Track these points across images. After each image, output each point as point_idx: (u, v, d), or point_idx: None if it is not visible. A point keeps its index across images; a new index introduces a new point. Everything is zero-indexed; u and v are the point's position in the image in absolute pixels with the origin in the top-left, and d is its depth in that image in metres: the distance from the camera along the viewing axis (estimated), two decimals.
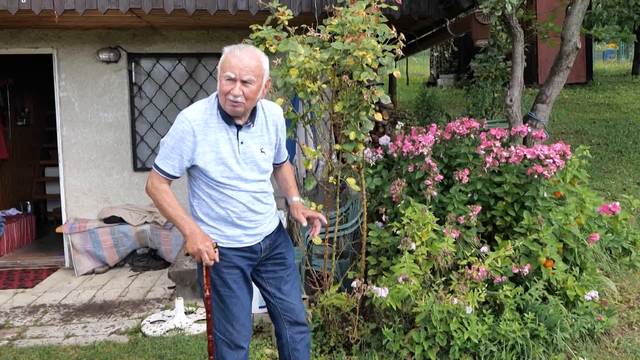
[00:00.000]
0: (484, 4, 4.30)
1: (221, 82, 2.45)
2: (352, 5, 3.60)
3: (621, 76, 13.91)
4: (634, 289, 4.13)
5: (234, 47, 2.54)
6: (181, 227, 2.48)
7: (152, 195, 2.54)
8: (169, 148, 2.49)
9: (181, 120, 2.48)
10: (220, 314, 2.61)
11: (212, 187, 2.54)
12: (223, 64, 2.47)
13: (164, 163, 2.51)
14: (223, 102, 2.46)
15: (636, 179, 6.23)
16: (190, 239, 2.44)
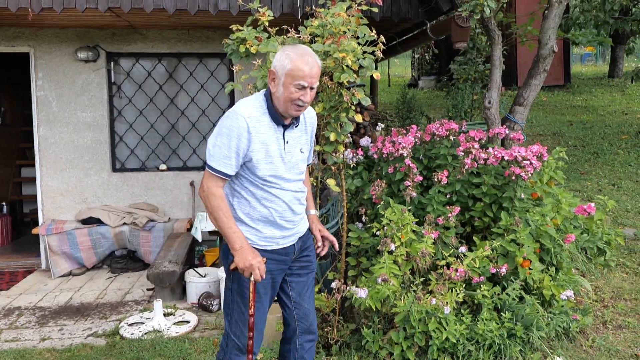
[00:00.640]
0: (463, 7, 4.35)
1: (289, 90, 2.43)
2: (332, 7, 3.62)
3: (598, 79, 14.15)
4: (609, 288, 4.20)
5: (298, 52, 2.47)
6: (232, 240, 2.44)
7: (207, 200, 2.46)
8: (225, 147, 2.43)
9: (235, 118, 2.44)
10: (239, 317, 2.58)
11: (257, 186, 2.52)
12: (293, 72, 2.42)
13: (221, 164, 2.44)
14: (286, 107, 2.47)
15: (611, 180, 6.35)
16: (241, 254, 2.42)
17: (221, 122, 2.48)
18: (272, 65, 2.49)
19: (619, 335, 3.68)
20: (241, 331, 2.57)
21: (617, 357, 3.46)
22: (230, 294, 2.61)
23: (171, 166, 6.27)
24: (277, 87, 2.47)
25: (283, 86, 2.44)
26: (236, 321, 2.58)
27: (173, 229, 5.78)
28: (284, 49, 2.51)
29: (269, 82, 2.51)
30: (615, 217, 5.32)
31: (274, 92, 2.49)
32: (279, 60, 2.46)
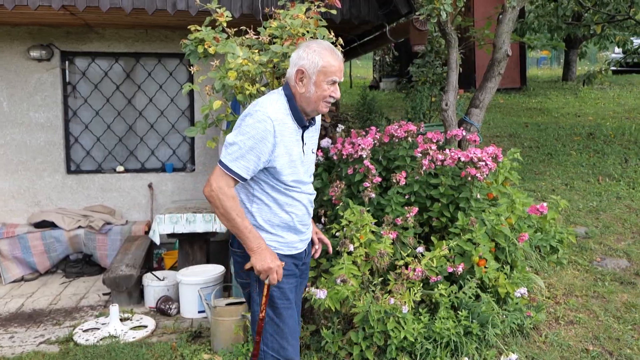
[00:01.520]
0: (421, 11, 4.41)
1: (322, 87, 2.36)
2: (291, 9, 3.62)
3: (553, 82, 14.60)
4: (561, 285, 4.34)
5: (325, 46, 2.39)
6: (248, 240, 2.31)
7: (217, 200, 2.29)
8: (245, 148, 2.27)
9: (262, 119, 2.29)
10: (274, 330, 2.44)
11: (279, 191, 2.41)
12: (326, 68, 2.34)
13: (237, 164, 2.28)
14: (317, 106, 2.38)
15: (564, 180, 6.55)
16: (259, 255, 2.31)
17: (245, 120, 2.32)
18: (298, 64, 2.36)
19: (570, 331, 3.80)
20: (279, 344, 2.44)
21: (569, 352, 3.57)
22: (258, 309, 2.46)
23: (129, 168, 6.15)
24: (308, 87, 2.36)
25: (315, 85, 2.35)
26: (272, 335, 2.45)
27: (131, 232, 5.67)
28: (308, 45, 2.40)
29: (296, 82, 2.38)
30: (568, 216, 5.49)
31: (302, 92, 2.38)
32: (307, 58, 2.35)
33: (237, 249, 2.50)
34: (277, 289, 2.44)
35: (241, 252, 2.47)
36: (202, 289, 4.32)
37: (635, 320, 3.88)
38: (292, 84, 2.41)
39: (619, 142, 8.15)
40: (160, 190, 6.10)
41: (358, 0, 5.26)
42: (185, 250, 5.02)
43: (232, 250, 2.58)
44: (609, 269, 4.56)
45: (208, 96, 3.49)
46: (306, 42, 2.46)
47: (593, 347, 3.60)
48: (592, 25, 8.74)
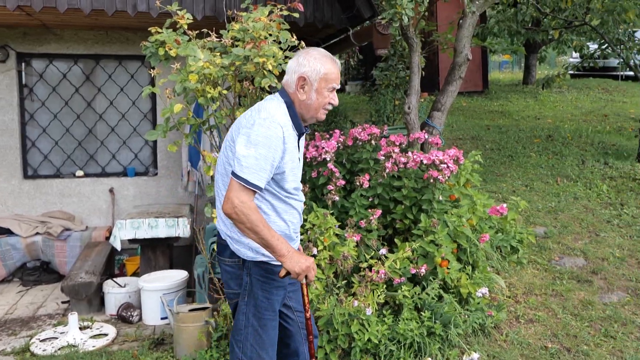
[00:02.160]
0: (383, 15, 4.46)
1: (323, 94, 2.39)
2: (254, 12, 3.60)
3: (514, 85, 14.93)
4: (521, 284, 4.43)
5: (324, 54, 2.42)
6: (279, 247, 2.26)
7: (243, 215, 2.22)
8: (262, 159, 2.24)
9: (273, 127, 2.28)
10: (255, 340, 2.43)
11: (279, 198, 2.40)
12: (327, 75, 2.37)
13: (257, 176, 2.24)
14: (317, 112, 2.41)
15: (524, 181, 6.70)
16: (293, 259, 2.27)
17: (253, 128, 2.27)
18: (299, 71, 2.37)
19: (530, 329, 3.88)
20: (258, 355, 2.44)
21: (529, 350, 3.64)
22: (244, 318, 2.45)
23: (89, 172, 6.00)
24: (309, 94, 2.38)
25: (317, 92, 2.38)
26: (252, 346, 2.44)
27: (91, 238, 5.53)
28: (307, 52, 2.41)
29: (297, 89, 2.38)
30: (528, 217, 5.62)
31: (303, 100, 2.39)
32: (309, 65, 2.36)
33: (229, 259, 2.48)
34: (266, 299, 2.43)
35: (233, 262, 2.46)
36: (164, 295, 4.25)
37: (591, 317, 3.99)
38: (290, 90, 2.41)
39: (576, 144, 8.39)
40: (122, 195, 5.98)
41: (322, 3, 5.27)
42: (148, 255, 4.93)
43: (221, 259, 2.54)
44: (567, 268, 4.69)
45: (168, 99, 3.44)
46: (304, 50, 2.49)
47: (552, 344, 3.69)
48: (550, 30, 8.99)
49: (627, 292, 4.34)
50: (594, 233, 5.32)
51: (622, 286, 4.43)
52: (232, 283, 2.52)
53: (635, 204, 5.95)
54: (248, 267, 2.42)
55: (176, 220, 4.86)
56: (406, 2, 4.27)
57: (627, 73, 14.14)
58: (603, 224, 5.50)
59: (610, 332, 3.82)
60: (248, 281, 2.43)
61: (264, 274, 2.43)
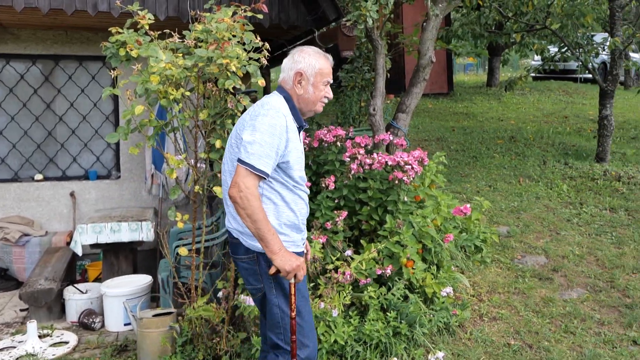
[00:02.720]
0: (348, 17, 4.47)
1: (319, 88, 2.52)
2: (217, 12, 3.57)
3: (478, 87, 15.19)
4: (485, 283, 4.50)
5: (317, 51, 2.56)
6: (272, 242, 2.31)
7: (247, 200, 2.28)
8: (267, 145, 2.33)
9: (277, 116, 2.39)
10: (296, 329, 2.47)
11: (288, 188, 2.47)
12: (322, 70, 2.51)
13: (262, 162, 2.32)
14: (314, 106, 2.54)
15: (488, 182, 6.82)
16: (284, 256, 2.32)
17: (258, 119, 2.38)
18: (295, 67, 2.50)
19: (493, 327, 3.94)
20: (301, 342, 2.50)
21: (492, 347, 3.70)
22: (277, 310, 2.49)
23: (48, 176, 5.84)
24: (306, 88, 2.51)
25: (313, 86, 2.50)
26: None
27: (51, 243, 5.38)
28: (301, 50, 2.54)
29: (294, 85, 2.51)
30: (491, 217, 5.72)
31: (301, 94, 2.51)
32: (304, 61, 2.50)
33: (244, 256, 2.51)
34: (296, 289, 2.47)
35: (249, 258, 2.50)
36: (128, 301, 4.16)
37: (552, 314, 4.08)
38: (288, 87, 2.54)
39: (538, 144, 8.59)
40: (83, 199, 5.84)
41: (287, 5, 5.27)
42: (110, 260, 4.82)
43: (236, 258, 2.57)
44: (529, 266, 4.78)
45: (129, 101, 3.38)
46: (298, 48, 2.59)
47: (514, 342, 3.76)
48: (512, 34, 9.17)
49: (586, 289, 4.46)
50: (555, 232, 5.45)
51: (582, 283, 4.54)
52: (251, 279, 2.55)
53: (593, 203, 6.12)
54: (266, 260, 2.43)
55: (139, 224, 4.78)
56: (370, 5, 4.30)
57: (586, 76, 14.55)
58: (563, 223, 5.63)
59: (570, 328, 3.92)
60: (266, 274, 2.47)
61: None
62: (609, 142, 7.58)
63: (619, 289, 4.43)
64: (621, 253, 5.00)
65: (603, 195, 6.35)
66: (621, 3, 7.36)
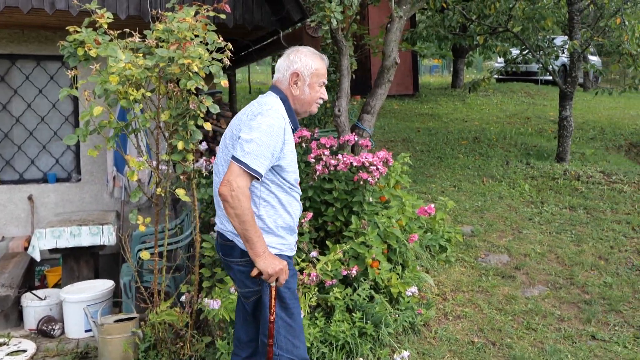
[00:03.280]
0: (312, 18, 4.47)
1: (315, 89, 2.51)
2: (179, 12, 3.51)
3: (443, 89, 15.42)
4: (449, 282, 4.55)
5: (313, 52, 2.55)
6: (257, 245, 2.28)
7: (237, 200, 2.23)
8: (263, 146, 2.29)
9: (276, 117, 2.37)
10: (287, 331, 2.46)
11: (284, 190, 2.46)
12: (318, 71, 2.50)
13: (258, 162, 2.27)
14: (310, 107, 2.53)
15: (453, 182, 6.92)
16: (267, 259, 2.30)
17: (256, 118, 2.35)
18: (292, 68, 2.49)
19: (458, 325, 3.99)
20: (292, 344, 2.47)
21: (457, 345, 3.75)
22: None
23: (4, 179, 5.65)
24: (302, 89, 2.50)
25: (309, 87, 2.50)
26: (285, 337, 2.46)
27: (8, 249, 5.21)
28: (297, 50, 2.53)
29: (290, 85, 2.50)
30: (456, 216, 5.79)
31: (297, 95, 2.50)
32: (300, 62, 2.49)
33: (240, 259, 2.47)
34: (288, 290, 2.47)
35: (245, 260, 2.44)
36: (89, 307, 4.06)
37: (514, 311, 4.16)
38: (283, 87, 2.52)
39: (500, 145, 8.76)
40: (42, 203, 5.67)
41: (251, 5, 5.23)
42: (70, 265, 4.70)
43: (230, 261, 2.52)
44: (492, 265, 4.86)
45: (87, 101, 3.29)
46: (293, 48, 2.58)
47: (478, 339, 3.81)
48: (475, 36, 9.34)
49: (547, 286, 4.56)
50: (517, 230, 5.56)
51: (543, 280, 4.64)
52: (248, 282, 2.49)
53: (554, 202, 6.27)
54: None
55: (101, 228, 4.67)
56: (335, 6, 4.31)
57: (547, 77, 14.93)
58: (525, 222, 5.75)
59: (532, 324, 4.00)
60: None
61: None
62: (569, 142, 7.78)
63: (578, 286, 4.55)
64: (580, 250, 5.13)
65: (563, 194, 6.51)
66: (579, 7, 7.57)
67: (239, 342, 2.71)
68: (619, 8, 7.34)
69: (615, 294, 4.39)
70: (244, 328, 2.69)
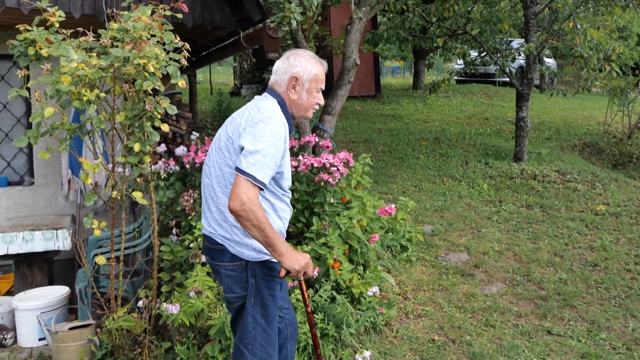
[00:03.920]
0: (272, 18, 4.45)
1: (313, 94, 2.48)
2: (135, 11, 3.44)
3: (404, 90, 15.59)
4: (410, 281, 4.60)
5: (312, 56, 2.51)
6: (279, 246, 2.27)
7: (251, 212, 2.20)
8: (269, 157, 2.27)
9: (279, 125, 2.33)
10: (264, 339, 2.45)
11: (277, 197, 2.45)
12: (317, 76, 2.47)
13: (263, 173, 2.25)
14: (306, 112, 2.50)
15: (414, 182, 6.99)
16: (292, 256, 2.31)
17: (258, 126, 2.30)
18: (291, 72, 2.44)
19: (418, 324, 4.04)
20: (267, 352, 2.47)
21: (417, 344, 3.79)
22: (252, 320, 2.45)
23: None
24: (301, 94, 2.46)
25: (307, 92, 2.46)
26: (261, 345, 2.45)
27: None
28: (297, 54, 2.50)
29: (288, 89, 2.45)
30: (416, 216, 5.86)
31: (294, 99, 2.46)
32: (300, 66, 2.44)
33: (229, 263, 2.45)
34: (271, 297, 2.46)
35: (235, 265, 2.43)
36: (42, 314, 3.93)
37: (474, 309, 4.23)
38: (281, 90, 2.47)
39: (460, 145, 8.91)
40: None
41: (211, 5, 5.18)
42: (23, 272, 4.54)
43: (219, 265, 2.49)
44: (452, 263, 4.94)
45: (37, 102, 3.18)
46: (292, 51, 2.54)
47: (438, 337, 3.86)
48: (435, 38, 9.47)
49: (505, 283, 4.65)
50: (476, 229, 5.66)
51: (501, 278, 4.74)
52: (235, 287, 2.47)
53: (511, 201, 6.41)
54: (252, 269, 2.42)
55: (55, 233, 4.53)
56: (294, 7, 4.30)
57: (504, 79, 15.27)
58: (484, 220, 5.86)
59: (491, 321, 4.07)
60: (253, 282, 2.43)
61: (268, 272, 2.46)
62: (526, 142, 7.98)
63: (534, 282, 4.66)
64: (537, 248, 5.26)
65: (520, 193, 6.67)
66: (535, 11, 7.77)
67: None
68: (572, 12, 7.57)
69: (570, 289, 4.52)
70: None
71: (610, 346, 3.81)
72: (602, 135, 10.64)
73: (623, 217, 5.91)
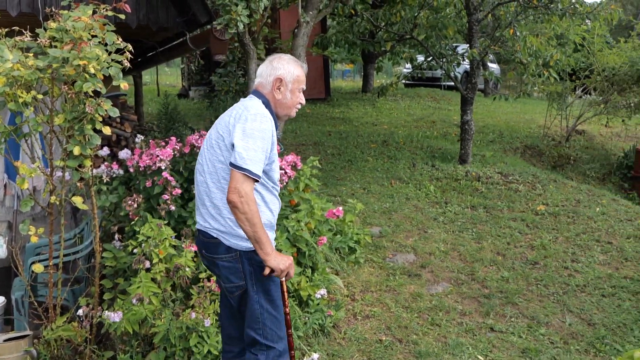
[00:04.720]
0: (218, 21, 4.41)
1: (295, 94, 2.64)
2: (75, 10, 3.33)
3: (354, 93, 15.77)
4: (359, 282, 4.65)
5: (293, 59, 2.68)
6: (266, 244, 2.40)
7: (247, 205, 2.34)
8: (260, 150, 2.41)
9: (265, 120, 2.47)
10: (272, 322, 2.59)
11: (267, 189, 2.56)
12: (299, 77, 2.64)
13: (257, 167, 2.39)
14: (290, 111, 2.66)
15: (362, 184, 7.08)
16: (277, 256, 2.44)
17: (249, 124, 2.43)
18: (275, 74, 2.60)
19: (366, 325, 4.08)
20: (277, 335, 2.61)
21: (365, 345, 3.83)
22: (258, 306, 2.57)
23: None
24: (284, 94, 2.62)
25: (291, 92, 2.63)
26: (271, 329, 2.59)
27: None
28: (280, 57, 2.66)
29: (273, 90, 2.61)
30: (365, 218, 5.93)
31: (279, 99, 2.62)
32: (284, 68, 2.61)
33: (225, 254, 2.56)
34: (272, 281, 2.57)
35: (230, 256, 2.55)
36: None
37: (420, 308, 4.32)
38: (266, 91, 2.63)
39: (408, 148, 9.08)
40: None
41: (156, 6, 5.08)
42: None
43: (215, 257, 2.59)
44: (399, 264, 5.02)
45: None
46: (275, 55, 2.70)
47: (386, 337, 3.92)
48: (383, 42, 9.62)
49: (450, 283, 4.77)
50: (423, 230, 5.78)
51: (446, 277, 4.86)
52: (232, 277, 2.59)
53: (457, 202, 6.59)
54: (249, 258, 2.53)
55: None
56: (241, 9, 4.27)
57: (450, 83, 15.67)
58: (430, 221, 6.00)
59: (436, 320, 4.17)
60: (252, 270, 2.54)
61: None
62: (470, 145, 8.21)
63: (478, 281, 4.80)
64: (480, 247, 5.42)
65: (465, 194, 6.86)
66: (478, 18, 8.01)
67: (230, 339, 2.80)
68: (512, 20, 7.85)
69: (512, 287, 4.68)
70: (232, 324, 2.77)
71: (549, 341, 3.97)
72: (542, 138, 11.09)
73: (561, 216, 6.17)
